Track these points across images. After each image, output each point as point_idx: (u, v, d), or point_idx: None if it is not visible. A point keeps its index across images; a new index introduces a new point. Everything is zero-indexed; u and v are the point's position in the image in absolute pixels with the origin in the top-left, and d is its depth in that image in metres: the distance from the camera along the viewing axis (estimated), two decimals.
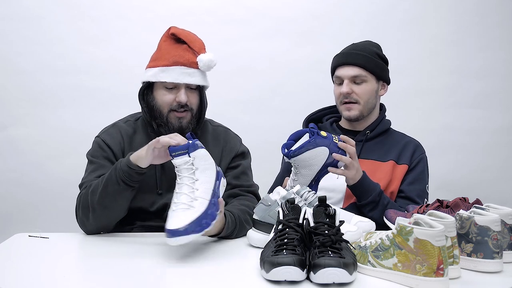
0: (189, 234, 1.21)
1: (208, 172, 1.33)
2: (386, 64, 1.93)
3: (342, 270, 1.01)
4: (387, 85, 1.95)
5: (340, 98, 1.89)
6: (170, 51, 1.64)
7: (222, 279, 1.14)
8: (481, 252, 1.18)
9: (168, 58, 1.63)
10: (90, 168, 1.63)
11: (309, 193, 1.46)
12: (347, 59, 1.87)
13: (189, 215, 1.24)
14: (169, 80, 1.62)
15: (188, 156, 1.30)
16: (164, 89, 1.64)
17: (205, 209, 1.27)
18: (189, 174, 1.30)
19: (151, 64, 1.68)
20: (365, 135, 1.90)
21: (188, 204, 1.26)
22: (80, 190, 1.59)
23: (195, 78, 1.64)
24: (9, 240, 1.48)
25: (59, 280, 1.13)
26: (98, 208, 1.49)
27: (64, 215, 2.29)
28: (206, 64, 1.63)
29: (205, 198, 1.29)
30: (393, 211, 1.59)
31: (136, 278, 1.13)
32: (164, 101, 1.64)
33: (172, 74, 1.62)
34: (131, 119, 1.77)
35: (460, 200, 1.41)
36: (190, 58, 1.63)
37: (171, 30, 1.67)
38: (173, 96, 1.64)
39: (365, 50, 1.87)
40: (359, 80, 1.85)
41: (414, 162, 1.86)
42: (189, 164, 1.30)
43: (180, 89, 1.64)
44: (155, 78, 1.63)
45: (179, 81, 1.62)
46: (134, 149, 1.66)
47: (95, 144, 1.69)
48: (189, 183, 1.29)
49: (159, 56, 1.66)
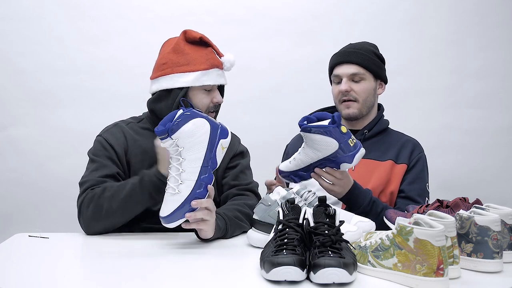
0: (175, 221, 1.32)
1: (196, 148, 1.33)
2: (383, 63, 1.93)
3: (342, 270, 1.01)
4: (385, 85, 1.96)
5: (339, 97, 1.89)
6: (203, 54, 1.67)
7: (222, 279, 1.14)
8: (481, 252, 1.18)
9: (205, 61, 1.66)
10: (92, 167, 1.63)
11: (309, 193, 1.46)
12: (345, 58, 1.87)
13: (174, 201, 1.31)
14: (211, 83, 1.66)
15: (171, 138, 1.31)
16: (203, 92, 1.68)
17: (190, 192, 1.31)
18: (176, 155, 1.33)
19: (183, 69, 1.65)
20: (363, 135, 1.90)
21: (175, 188, 1.31)
22: (81, 188, 1.58)
23: (224, 79, 1.73)
24: (9, 240, 1.48)
25: (59, 280, 1.13)
26: (115, 215, 1.50)
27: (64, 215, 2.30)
28: (232, 64, 1.73)
29: (191, 179, 1.31)
30: (393, 211, 1.59)
31: (136, 278, 1.13)
32: (204, 103, 1.68)
33: (212, 76, 1.67)
34: (133, 121, 1.77)
35: (460, 200, 1.41)
36: (219, 60, 1.71)
37: (192, 34, 1.67)
38: (210, 98, 1.69)
39: (363, 48, 1.88)
40: (357, 78, 1.86)
41: (413, 161, 1.87)
42: (174, 145, 1.32)
43: (215, 91, 1.70)
44: (198, 83, 1.65)
45: (218, 83, 1.69)
46: (136, 152, 1.67)
47: (97, 143, 1.68)
48: (176, 165, 1.32)
49: (191, 61, 1.65)
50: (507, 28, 2.95)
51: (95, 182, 1.57)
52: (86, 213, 1.52)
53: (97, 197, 1.52)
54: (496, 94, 2.95)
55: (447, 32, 2.93)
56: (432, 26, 2.92)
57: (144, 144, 1.68)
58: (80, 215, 1.55)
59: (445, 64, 2.93)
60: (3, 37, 2.71)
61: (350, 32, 2.76)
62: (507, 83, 2.96)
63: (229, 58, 1.72)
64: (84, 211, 1.53)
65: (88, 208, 1.52)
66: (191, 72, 1.64)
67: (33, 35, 2.72)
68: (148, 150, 1.66)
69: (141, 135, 1.71)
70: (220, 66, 1.70)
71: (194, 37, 1.66)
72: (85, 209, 1.53)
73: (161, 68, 1.67)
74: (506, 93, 2.96)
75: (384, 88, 1.96)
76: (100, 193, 1.52)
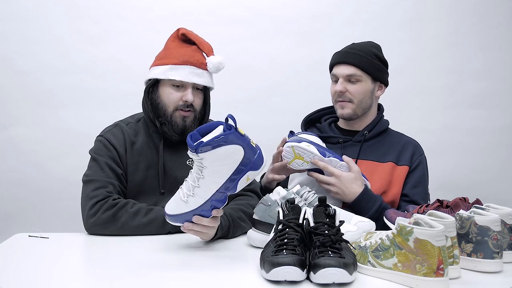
0: (175, 223, 1.33)
1: (219, 174, 1.25)
2: (385, 65, 1.92)
3: (342, 270, 1.01)
4: (385, 87, 1.95)
5: (335, 97, 1.90)
6: (180, 50, 1.66)
7: (222, 279, 1.14)
8: (481, 252, 1.18)
9: (177, 57, 1.64)
10: (97, 166, 1.62)
11: (309, 193, 1.46)
12: (343, 58, 1.87)
13: (180, 207, 1.30)
14: (178, 78, 1.63)
15: (197, 155, 1.23)
16: (171, 87, 1.66)
17: (196, 208, 1.29)
18: (198, 167, 1.27)
19: (158, 62, 1.69)
20: (363, 136, 1.90)
21: (186, 195, 1.29)
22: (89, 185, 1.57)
23: (203, 79, 1.67)
24: (9, 240, 1.48)
25: (59, 280, 1.13)
26: (127, 230, 1.50)
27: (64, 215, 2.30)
28: (215, 66, 1.66)
29: (202, 197, 1.29)
30: (393, 211, 1.59)
31: (136, 278, 1.13)
32: (170, 99, 1.66)
33: (181, 72, 1.63)
34: (132, 121, 1.76)
35: (460, 200, 1.41)
36: (200, 59, 1.66)
37: (180, 31, 1.68)
38: (179, 95, 1.65)
39: (363, 50, 1.87)
40: (353, 79, 1.85)
41: (415, 163, 1.86)
42: (199, 161, 1.26)
43: (187, 88, 1.66)
44: (163, 76, 1.64)
45: (188, 80, 1.64)
46: (135, 152, 1.66)
47: (98, 143, 1.68)
48: (196, 176, 1.28)
49: (167, 55, 1.67)
50: (507, 28, 2.95)
51: (104, 183, 1.57)
52: (100, 217, 1.51)
53: (118, 208, 1.51)
54: (496, 94, 2.95)
55: (447, 32, 2.92)
56: (432, 26, 2.92)
57: (143, 143, 1.68)
58: (90, 215, 1.52)
59: (445, 64, 2.93)
60: (3, 37, 2.70)
61: (350, 32, 2.76)
62: (507, 83, 2.96)
63: (212, 59, 1.66)
64: (99, 214, 1.51)
65: (104, 214, 1.51)
66: (161, 66, 1.65)
67: (33, 35, 2.72)
68: (144, 151, 1.66)
69: (139, 135, 1.71)
70: (198, 65, 1.65)
71: (182, 34, 1.67)
72: (100, 213, 1.51)
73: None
74: (506, 93, 2.96)
75: (384, 90, 1.94)
76: (122, 205, 1.52)
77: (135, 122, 1.76)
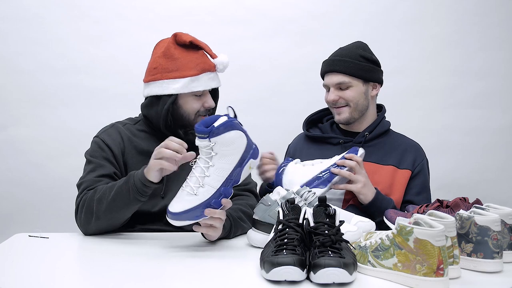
0: (183, 220, 1.29)
1: (228, 159, 1.30)
2: (374, 63, 1.89)
3: (342, 270, 1.01)
4: (380, 85, 1.93)
5: (330, 104, 1.91)
6: (193, 59, 1.64)
7: (222, 279, 1.14)
8: (481, 252, 1.18)
9: (193, 66, 1.63)
10: (89, 168, 1.62)
11: (309, 193, 1.46)
12: (330, 67, 1.88)
13: (189, 202, 1.28)
14: (201, 88, 1.64)
15: (209, 140, 1.28)
16: (193, 97, 1.66)
17: (207, 198, 1.29)
18: (206, 157, 1.30)
19: (171, 75, 1.62)
20: (364, 137, 1.89)
21: (194, 189, 1.29)
22: (79, 189, 1.58)
23: (217, 81, 1.71)
24: (9, 240, 1.48)
25: (59, 280, 1.13)
26: (103, 217, 1.48)
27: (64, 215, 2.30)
28: (225, 66, 1.70)
29: (214, 186, 1.30)
30: (393, 211, 1.59)
31: (136, 278, 1.13)
32: (194, 108, 1.66)
33: (202, 82, 1.64)
34: (130, 123, 1.76)
35: (460, 200, 1.41)
36: (211, 62, 1.68)
37: (183, 38, 1.64)
38: (201, 102, 1.67)
39: (348, 55, 1.86)
40: (344, 86, 1.85)
41: (418, 168, 1.85)
42: (208, 148, 1.29)
43: (206, 95, 1.68)
44: (187, 90, 1.62)
45: (209, 87, 1.66)
46: (133, 153, 1.66)
47: (94, 144, 1.68)
48: (203, 167, 1.30)
49: (179, 66, 1.62)
50: (507, 28, 2.95)
51: (91, 182, 1.56)
52: (81, 216, 1.52)
53: (89, 199, 1.50)
54: (496, 94, 2.94)
55: (447, 32, 2.92)
56: (432, 26, 2.92)
57: (140, 146, 1.68)
58: (76, 217, 1.54)
59: (445, 64, 2.93)
60: (3, 37, 2.71)
61: (350, 32, 2.75)
62: (507, 83, 2.96)
63: (222, 60, 1.68)
64: (79, 214, 1.53)
65: (82, 211, 1.51)
66: (180, 79, 1.62)
67: (33, 35, 2.72)
68: (144, 152, 1.66)
69: (137, 136, 1.71)
70: (211, 69, 1.67)
71: (184, 41, 1.64)
72: (79, 212, 1.52)
73: (152, 73, 1.65)
74: (506, 93, 2.96)
75: (379, 88, 1.93)
76: (91, 195, 1.51)
77: (132, 124, 1.75)
